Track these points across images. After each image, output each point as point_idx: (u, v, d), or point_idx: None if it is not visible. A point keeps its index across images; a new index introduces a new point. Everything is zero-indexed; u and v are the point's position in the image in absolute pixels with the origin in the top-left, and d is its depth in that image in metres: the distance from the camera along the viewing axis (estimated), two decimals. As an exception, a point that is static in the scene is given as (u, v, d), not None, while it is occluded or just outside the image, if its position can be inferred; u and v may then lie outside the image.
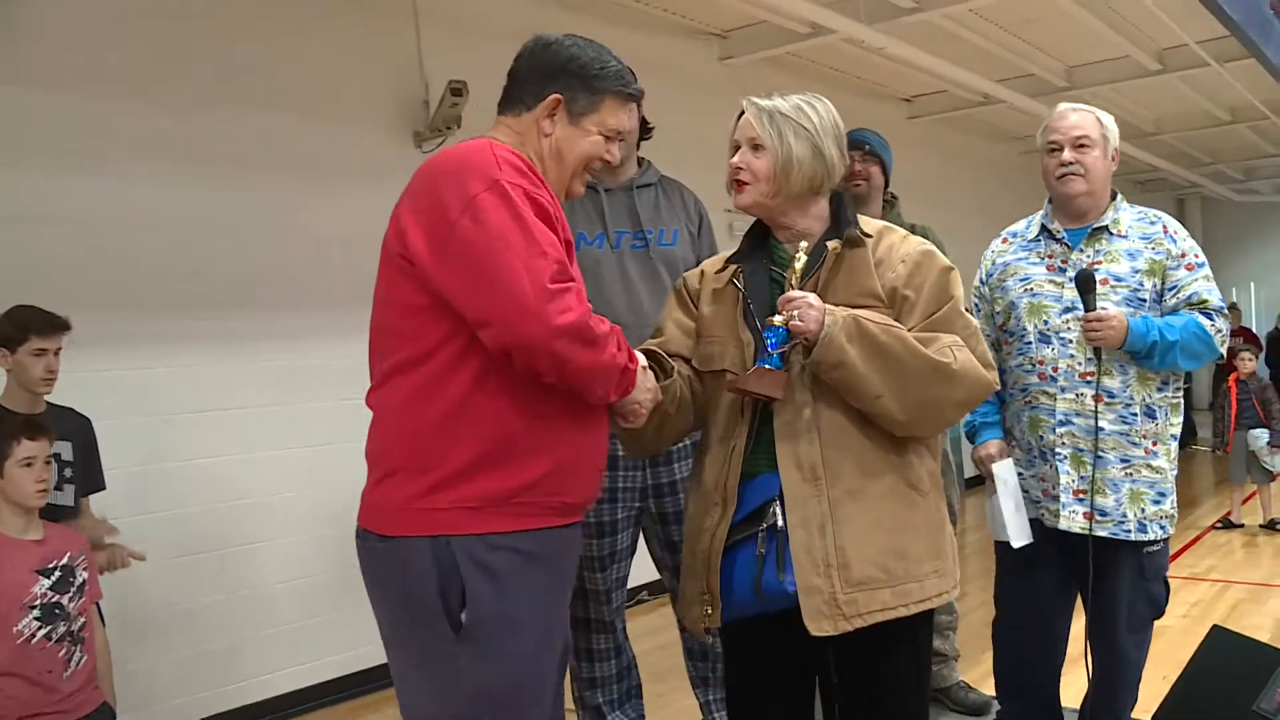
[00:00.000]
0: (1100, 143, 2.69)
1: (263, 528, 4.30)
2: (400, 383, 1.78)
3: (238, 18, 4.25)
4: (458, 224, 1.70)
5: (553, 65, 1.91)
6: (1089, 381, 2.62)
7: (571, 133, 1.92)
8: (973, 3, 5.99)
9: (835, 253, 1.98)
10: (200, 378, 4.12)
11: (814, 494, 1.90)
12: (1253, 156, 12.15)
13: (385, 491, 1.80)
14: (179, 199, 4.04)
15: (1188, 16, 6.50)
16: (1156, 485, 2.64)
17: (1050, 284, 2.71)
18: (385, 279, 1.83)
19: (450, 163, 1.78)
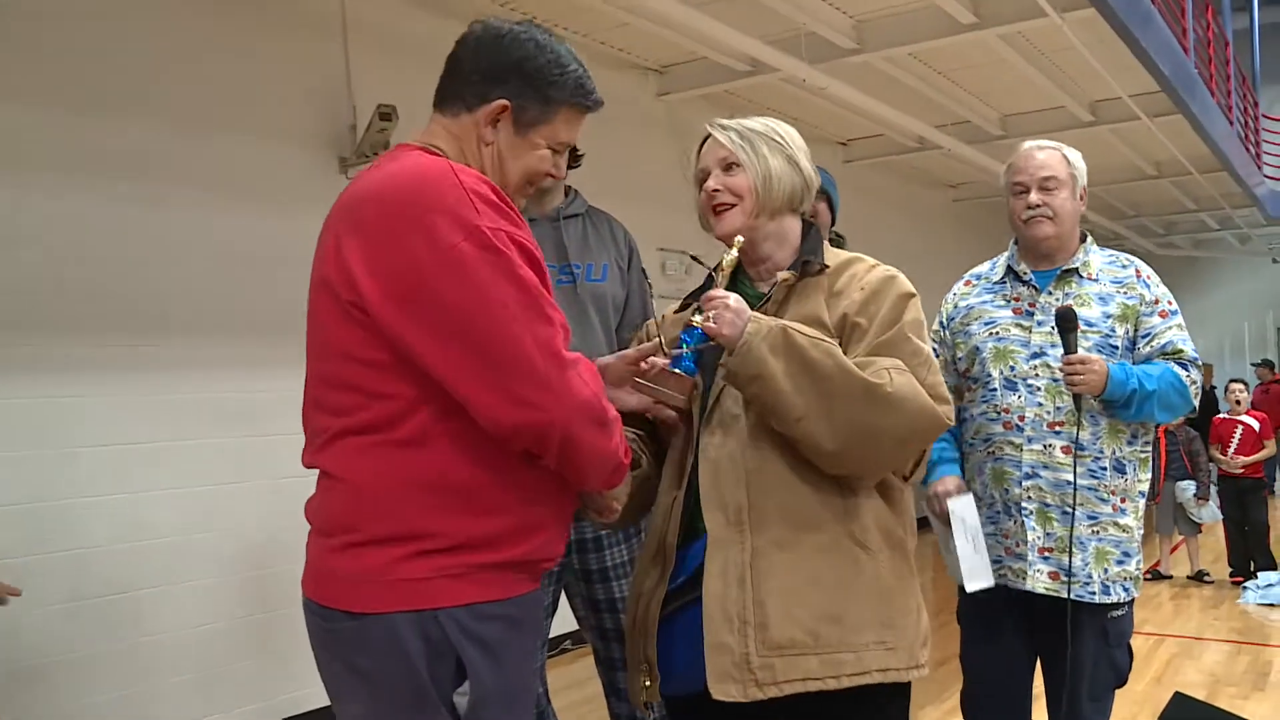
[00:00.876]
0: (1068, 182, 2.56)
1: (169, 569, 4.01)
2: (364, 444, 1.54)
3: (156, 26, 4.03)
4: (433, 281, 1.46)
5: (502, 64, 1.65)
6: (1058, 432, 2.48)
7: (516, 144, 1.68)
8: (913, 46, 6.00)
9: (787, 284, 1.81)
10: (103, 409, 3.85)
11: (736, 539, 1.70)
12: (1174, 211, 12.48)
13: (353, 561, 1.53)
14: (79, 214, 3.78)
15: (1121, 70, 6.61)
16: (1122, 545, 2.50)
17: (1017, 328, 2.57)
18: (328, 324, 1.56)
19: (407, 193, 1.51)
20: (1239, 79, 11.05)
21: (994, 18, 5.62)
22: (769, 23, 5.56)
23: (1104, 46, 6.12)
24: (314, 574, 1.59)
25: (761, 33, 5.60)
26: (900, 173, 9.49)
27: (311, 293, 1.63)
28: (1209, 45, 9.16)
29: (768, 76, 6.22)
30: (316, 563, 1.59)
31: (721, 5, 5.25)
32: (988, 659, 2.64)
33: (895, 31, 5.88)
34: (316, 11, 4.60)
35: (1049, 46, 6.36)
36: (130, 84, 3.94)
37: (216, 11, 4.22)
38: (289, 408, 4.41)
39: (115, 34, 3.91)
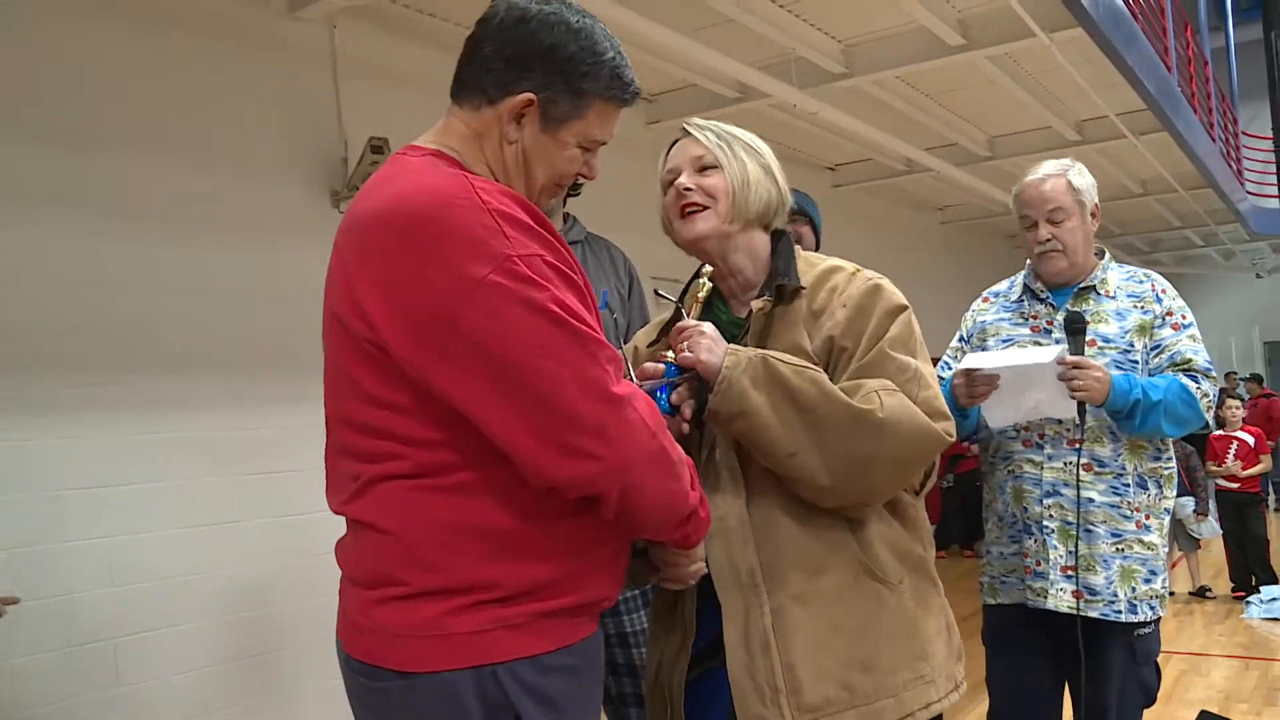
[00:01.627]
0: (1076, 210, 2.54)
1: (161, 613, 3.91)
2: (406, 491, 1.38)
3: (142, 58, 3.97)
4: (461, 319, 1.29)
5: (529, 51, 1.44)
6: (1078, 449, 2.44)
7: (543, 143, 1.47)
8: (901, 69, 6.01)
9: (763, 312, 1.67)
10: (89, 449, 3.75)
11: (755, 602, 1.59)
12: (1159, 229, 12.54)
13: (401, 615, 1.37)
14: (63, 249, 3.70)
15: (1106, 89, 6.64)
16: (1149, 562, 2.45)
17: (1035, 346, 2.54)
18: (346, 363, 1.40)
19: (423, 219, 1.32)
20: (1219, 96, 11.14)
21: (982, 39, 5.63)
22: (758, 49, 5.56)
23: (1090, 66, 6.15)
24: (354, 628, 1.43)
25: (751, 59, 5.60)
26: (888, 196, 9.50)
27: (325, 325, 1.47)
28: (1190, 63, 9.24)
29: (757, 102, 6.20)
30: (356, 616, 1.43)
31: (711, 32, 5.24)
32: (1013, 680, 2.59)
33: (883, 55, 5.88)
34: (306, 44, 4.57)
35: (1036, 67, 6.39)
36: (115, 117, 3.88)
37: (205, 44, 4.18)
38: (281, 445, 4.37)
39: (100, 67, 3.85)
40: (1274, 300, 15.90)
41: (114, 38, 3.90)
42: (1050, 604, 2.44)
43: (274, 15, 4.44)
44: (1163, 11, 8.05)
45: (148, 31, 4.00)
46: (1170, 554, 7.49)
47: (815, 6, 5.31)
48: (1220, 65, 13.52)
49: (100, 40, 3.86)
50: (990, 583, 2.61)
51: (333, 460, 1.50)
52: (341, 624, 1.47)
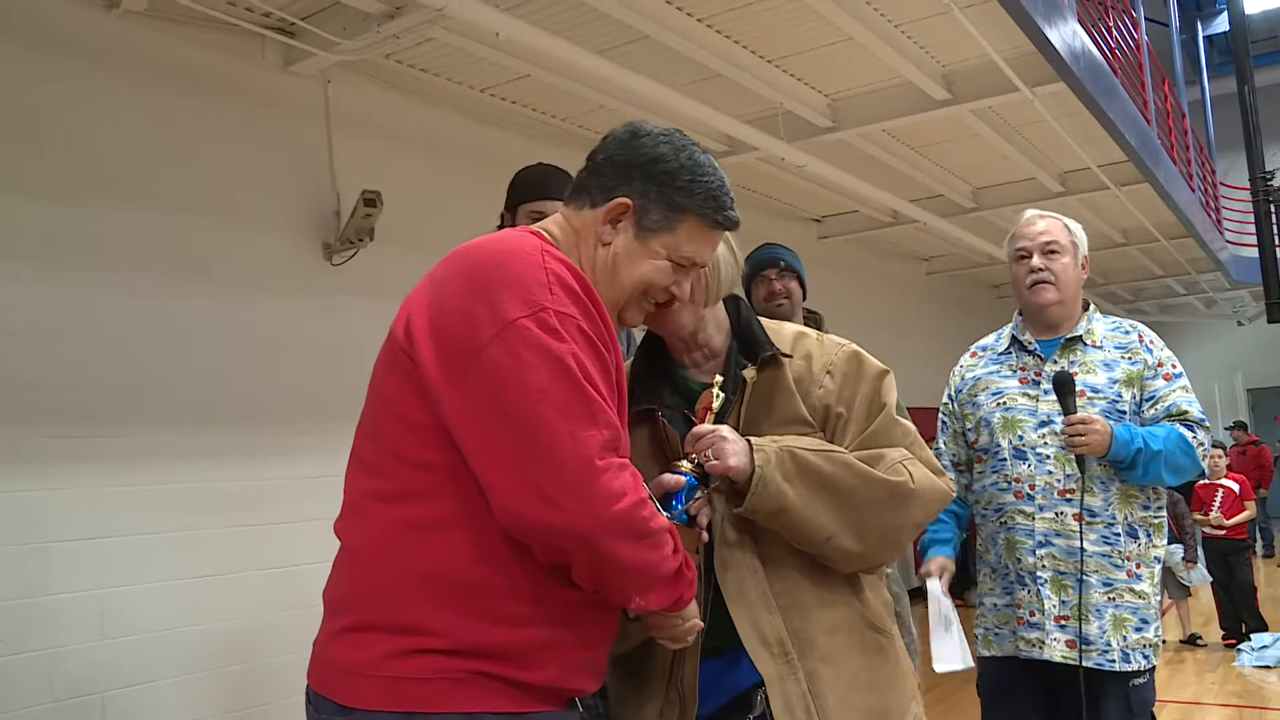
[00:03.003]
0: (1070, 249, 2.57)
1: (149, 666, 3.85)
2: (383, 514, 1.41)
3: (136, 112, 4.00)
4: (485, 351, 1.34)
5: (632, 161, 1.53)
6: (1069, 499, 2.44)
7: (634, 249, 1.54)
8: (887, 123, 6.08)
9: (752, 381, 1.67)
10: (77, 501, 3.72)
11: (789, 673, 1.60)
12: (1141, 278, 12.63)
13: (348, 648, 1.39)
14: (54, 301, 3.70)
15: (1088, 142, 6.73)
16: (1139, 611, 2.44)
17: (1024, 397, 2.55)
18: (384, 375, 1.46)
19: (487, 262, 1.41)
20: (1197, 148, 11.29)
21: (966, 93, 5.72)
22: (746, 103, 5.63)
23: (1072, 119, 6.24)
24: (314, 656, 1.46)
25: (739, 112, 5.67)
26: (874, 247, 9.56)
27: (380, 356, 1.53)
28: (1168, 116, 9.37)
29: (745, 155, 6.26)
30: (318, 645, 1.46)
31: (700, 86, 5.31)
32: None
33: (869, 109, 5.96)
34: (300, 98, 4.60)
35: (1019, 120, 6.47)
36: (108, 170, 3.90)
37: (200, 98, 4.21)
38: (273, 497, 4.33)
39: (94, 121, 3.88)
40: (1256, 347, 15.99)
41: (108, 91, 3.94)
42: (1045, 654, 2.43)
43: (268, 69, 4.48)
44: (1141, 66, 8.21)
45: (142, 85, 4.03)
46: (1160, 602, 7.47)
47: (802, 62, 5.39)
48: (1197, 118, 13.74)
49: (95, 94, 3.90)
50: (985, 634, 2.60)
51: (348, 469, 1.52)
52: (312, 651, 1.49)
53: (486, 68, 4.90)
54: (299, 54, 4.40)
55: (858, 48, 5.09)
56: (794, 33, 4.98)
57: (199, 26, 4.14)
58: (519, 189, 2.70)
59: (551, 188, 2.60)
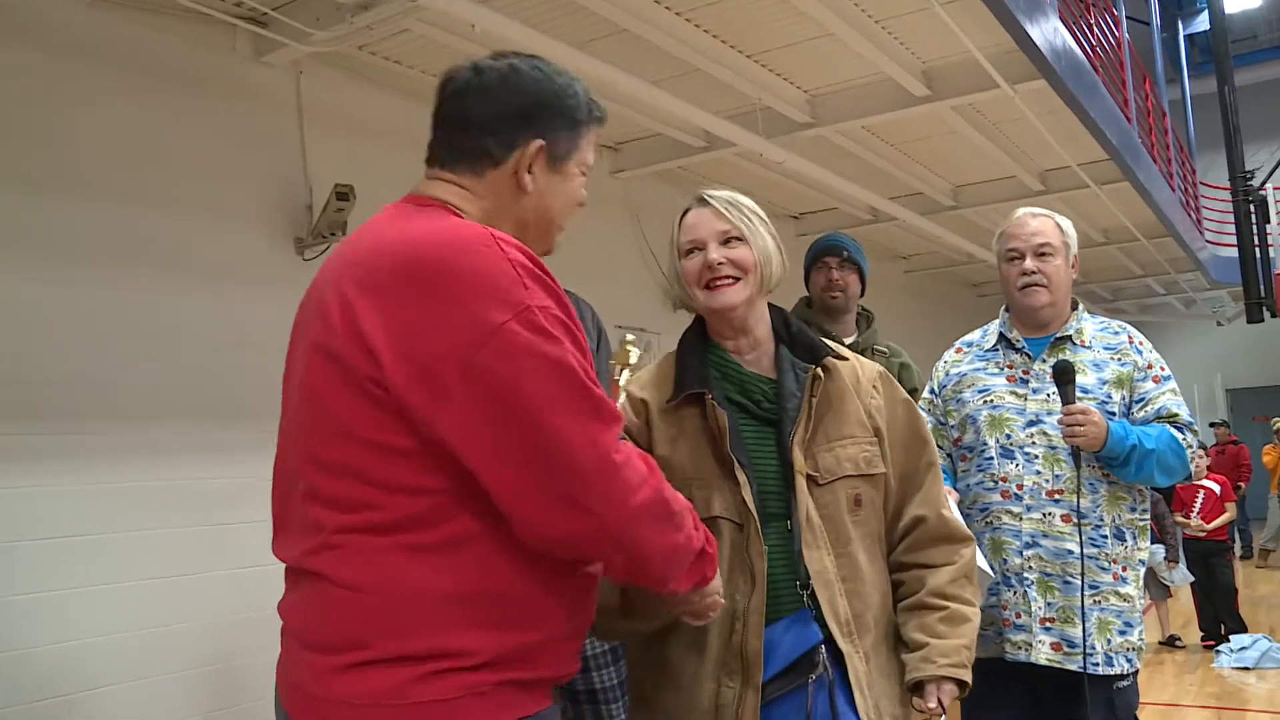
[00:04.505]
0: (1062, 250, 2.59)
1: (118, 668, 3.82)
2: (383, 547, 1.34)
3: (109, 102, 3.98)
4: (475, 363, 1.29)
5: (524, 103, 1.49)
6: (1057, 500, 2.47)
7: (555, 183, 1.53)
8: (867, 120, 6.11)
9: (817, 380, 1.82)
10: (40, 500, 3.69)
11: (854, 651, 1.75)
12: (1121, 277, 12.74)
13: (361, 683, 1.32)
14: (19, 295, 3.66)
15: (1069, 140, 6.80)
16: (1124, 614, 2.48)
17: (1012, 395, 2.57)
18: (333, 401, 1.37)
19: (444, 262, 1.34)
20: (1177, 147, 11.40)
21: (946, 90, 5.76)
22: (725, 98, 5.65)
23: (1053, 117, 6.29)
24: (307, 699, 1.37)
25: (717, 108, 5.69)
26: (853, 245, 9.59)
27: (301, 359, 1.44)
28: (1149, 115, 9.46)
29: (723, 151, 6.29)
30: (310, 685, 1.36)
31: (677, 81, 5.32)
32: None
33: (849, 105, 5.99)
34: (272, 90, 4.58)
35: (1000, 117, 6.53)
36: (77, 161, 3.88)
37: (170, 89, 4.19)
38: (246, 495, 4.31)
39: (64, 112, 3.86)
40: (1235, 347, 16.17)
41: (78, 82, 3.91)
42: (1031, 657, 2.45)
43: (240, 61, 4.46)
44: (1122, 64, 8.29)
45: (110, 75, 4.01)
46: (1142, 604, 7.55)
47: (782, 57, 5.41)
48: (1177, 117, 13.87)
49: (61, 84, 3.87)
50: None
51: (290, 504, 1.45)
52: (290, 694, 1.40)
53: (462, 60, 4.87)
54: (271, 45, 4.38)
55: (838, 43, 5.12)
56: (773, 27, 5.00)
57: (169, 15, 4.12)
58: None
59: None
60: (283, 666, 1.44)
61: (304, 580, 1.41)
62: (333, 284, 1.42)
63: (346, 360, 1.36)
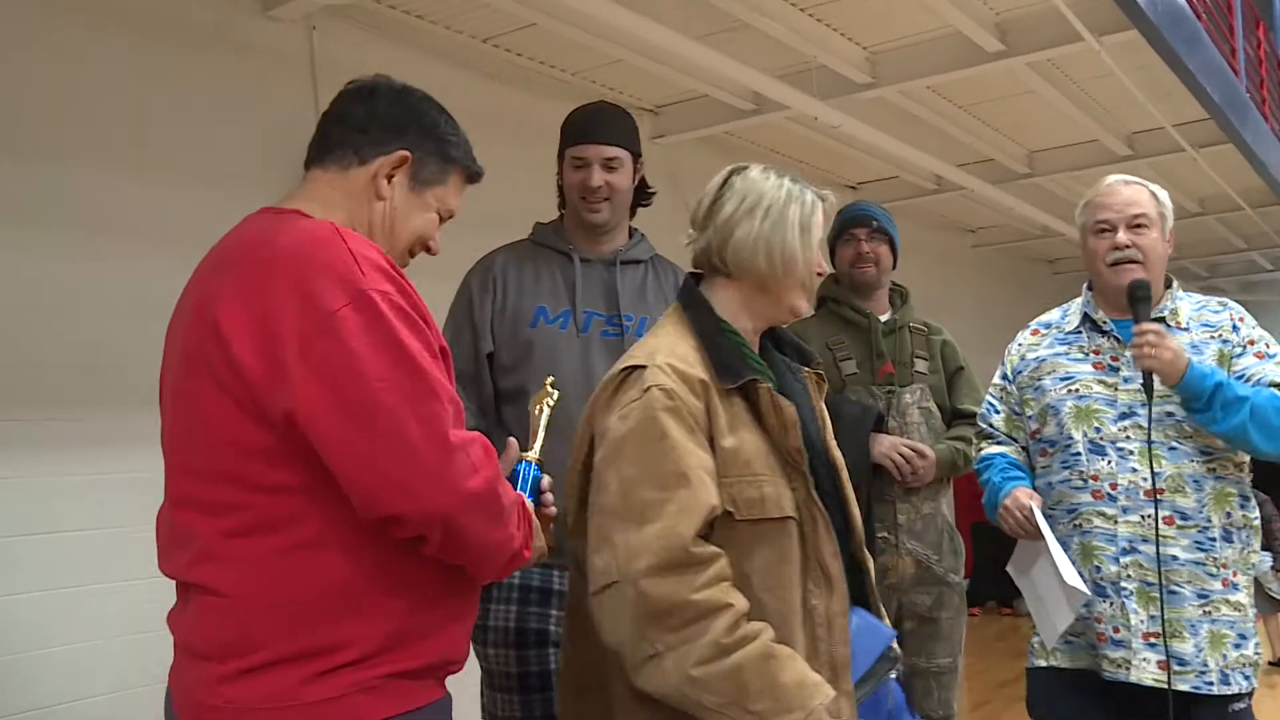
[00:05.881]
0: (1158, 222, 2.54)
1: (98, 676, 3.87)
2: (254, 549, 1.51)
3: (100, 59, 3.99)
4: (313, 348, 1.46)
5: (404, 117, 1.74)
6: (1157, 500, 2.41)
7: (411, 202, 1.73)
8: (932, 79, 6.03)
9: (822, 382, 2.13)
10: (25, 492, 3.72)
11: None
12: (1218, 251, 12.52)
13: (251, 689, 1.48)
14: (4, 269, 3.68)
15: (1162, 97, 6.65)
16: (1237, 625, 2.42)
17: (1100, 385, 2.52)
18: (201, 404, 1.54)
19: (288, 257, 1.52)
20: (1293, 102, 11.12)
21: (1022, 45, 5.65)
22: (775, 56, 5.59)
23: (1144, 72, 6.16)
24: (200, 708, 1.53)
25: (767, 67, 5.63)
26: (915, 217, 9.51)
27: (172, 369, 1.62)
28: (1261, 65, 9.16)
29: (774, 115, 6.24)
30: (201, 694, 1.52)
31: (723, 38, 5.27)
32: None
33: (913, 63, 5.91)
34: (282, 46, 4.59)
35: (1083, 74, 6.40)
36: (64, 123, 3.88)
37: (169, 46, 4.20)
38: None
39: (50, 69, 3.86)
40: (1347, 331, 15.87)
41: (67, 38, 3.92)
42: (1134, 677, 2.39)
43: (246, 15, 4.47)
44: (1230, 7, 7.96)
45: (105, 32, 4.01)
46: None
47: (839, 10, 5.35)
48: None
49: (51, 40, 3.87)
50: (1039, 642, 2.57)
51: (169, 515, 1.61)
52: (183, 703, 1.56)
53: (489, 15, 4.89)
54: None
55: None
56: (830, -23, 4.95)
57: (167, -35, 4.13)
58: (562, 132, 2.75)
59: (595, 131, 2.66)
60: (174, 677, 1.62)
61: (188, 590, 1.58)
62: (193, 293, 1.62)
63: (207, 358, 1.52)
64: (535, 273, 2.68)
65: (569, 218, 2.79)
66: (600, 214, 2.69)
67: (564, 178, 2.75)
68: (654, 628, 1.65)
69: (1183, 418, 2.44)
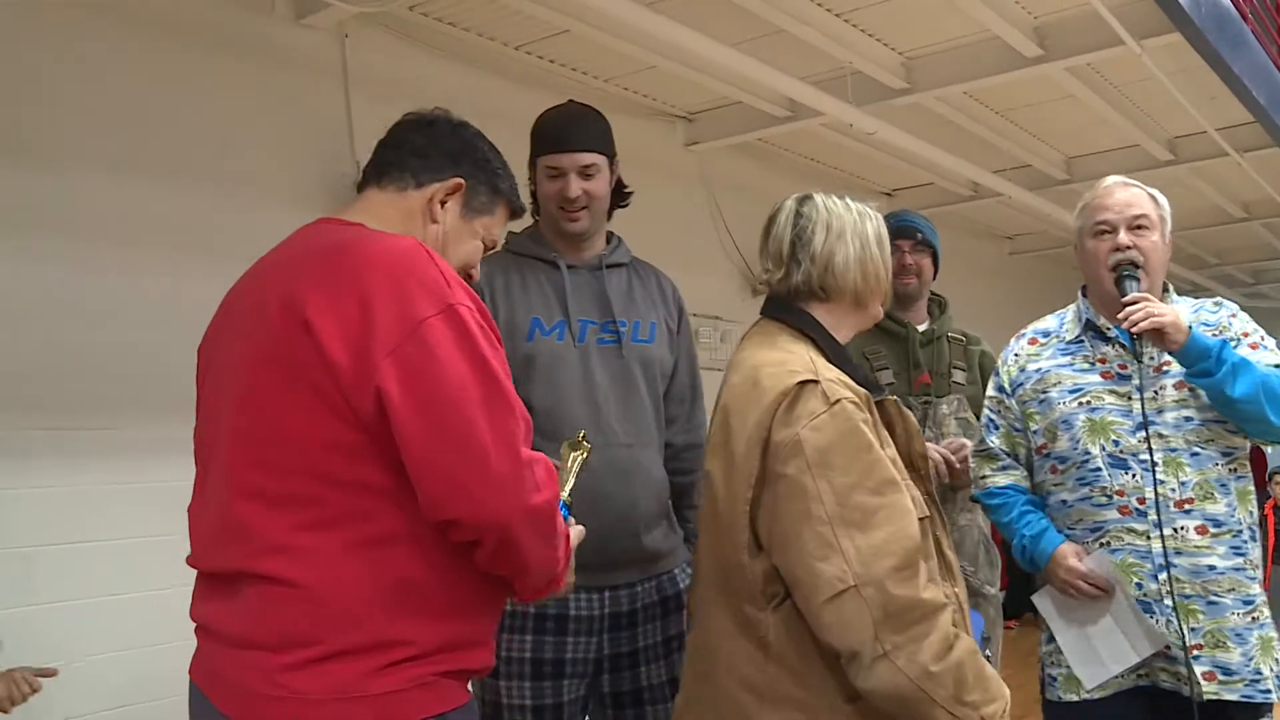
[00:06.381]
0: (1159, 225, 2.51)
1: (144, 685, 3.89)
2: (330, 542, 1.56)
3: (132, 68, 4.02)
4: (402, 352, 1.53)
5: (460, 148, 1.85)
6: (1188, 510, 2.37)
7: (461, 229, 1.84)
8: (969, 84, 5.99)
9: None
10: (67, 501, 3.75)
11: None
12: (1263, 257, 12.34)
13: (318, 680, 1.53)
14: (31, 279, 3.69)
15: (1205, 101, 6.57)
16: (1269, 627, 2.40)
17: (1112, 395, 2.47)
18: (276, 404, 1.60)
19: (379, 258, 1.60)
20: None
21: (1061, 49, 5.59)
22: (810, 62, 5.56)
23: (1187, 75, 6.08)
24: (260, 699, 1.55)
25: (802, 73, 5.61)
26: (951, 224, 9.42)
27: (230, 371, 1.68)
28: (1311, 67, 9.00)
29: (808, 121, 6.22)
30: (259, 685, 1.55)
31: (758, 44, 5.26)
32: None
33: (949, 68, 5.86)
34: (315, 54, 4.62)
35: (1123, 78, 6.33)
36: (97, 134, 3.90)
37: (201, 54, 4.22)
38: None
39: (81, 78, 3.89)
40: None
41: (98, 46, 3.95)
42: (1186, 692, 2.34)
43: (279, 23, 4.49)
44: (1279, 8, 7.81)
45: (134, 36, 4.04)
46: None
47: (874, 16, 5.31)
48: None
49: (82, 49, 3.90)
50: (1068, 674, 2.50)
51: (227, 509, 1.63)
52: (229, 694, 1.58)
53: (522, 22, 4.89)
54: (313, 5, 4.40)
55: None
56: (866, -18, 4.92)
57: (201, -28, 4.16)
58: (533, 139, 2.70)
59: (568, 138, 2.60)
60: (211, 670, 1.64)
61: (242, 583, 1.60)
62: (269, 286, 1.68)
63: (295, 356, 1.57)
64: (523, 283, 2.61)
65: (546, 226, 2.72)
66: (580, 223, 2.63)
67: (538, 186, 2.68)
68: (888, 627, 1.76)
69: (1200, 421, 2.39)
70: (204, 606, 1.69)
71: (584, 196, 2.60)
